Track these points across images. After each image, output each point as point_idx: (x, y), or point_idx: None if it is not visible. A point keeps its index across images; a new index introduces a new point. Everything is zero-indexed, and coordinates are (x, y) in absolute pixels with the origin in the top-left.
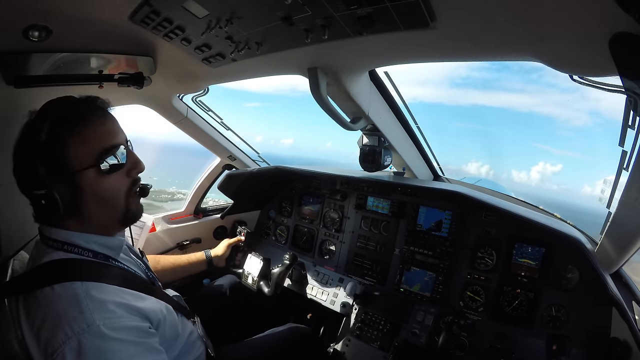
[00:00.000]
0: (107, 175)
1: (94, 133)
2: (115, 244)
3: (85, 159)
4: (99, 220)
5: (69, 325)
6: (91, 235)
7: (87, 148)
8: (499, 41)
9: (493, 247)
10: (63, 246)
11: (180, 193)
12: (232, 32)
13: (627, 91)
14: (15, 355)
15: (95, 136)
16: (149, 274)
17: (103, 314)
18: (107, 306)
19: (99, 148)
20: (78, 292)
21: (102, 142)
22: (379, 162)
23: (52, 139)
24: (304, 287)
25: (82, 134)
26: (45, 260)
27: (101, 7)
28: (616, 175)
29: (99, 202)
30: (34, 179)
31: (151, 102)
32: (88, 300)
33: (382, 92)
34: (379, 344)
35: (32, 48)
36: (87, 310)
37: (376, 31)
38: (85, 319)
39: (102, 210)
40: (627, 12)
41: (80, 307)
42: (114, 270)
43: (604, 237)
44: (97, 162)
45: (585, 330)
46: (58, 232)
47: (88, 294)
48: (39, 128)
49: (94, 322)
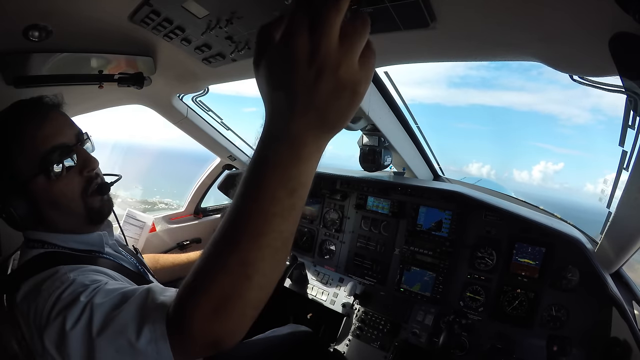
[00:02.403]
0: (57, 180)
1: (32, 139)
2: (95, 239)
3: (29, 167)
4: (63, 224)
5: (47, 290)
6: (67, 235)
7: (28, 156)
8: (499, 41)
9: (493, 247)
10: (44, 245)
11: (162, 203)
12: (232, 32)
13: (627, 91)
14: (14, 355)
15: (34, 142)
16: (140, 268)
17: (80, 272)
18: (88, 273)
19: (39, 154)
20: (59, 269)
21: (41, 147)
22: (379, 162)
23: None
24: (304, 287)
25: (19, 142)
26: (27, 257)
27: (101, 7)
28: (616, 175)
29: (55, 207)
30: None
31: (151, 102)
32: (67, 270)
33: (382, 92)
34: (379, 343)
35: (32, 48)
36: (64, 276)
37: (376, 31)
38: (61, 280)
39: (61, 215)
40: (627, 12)
41: (61, 277)
42: (100, 259)
43: (604, 237)
44: (42, 168)
45: (585, 330)
46: (36, 233)
47: (69, 269)
48: None
49: (69, 278)
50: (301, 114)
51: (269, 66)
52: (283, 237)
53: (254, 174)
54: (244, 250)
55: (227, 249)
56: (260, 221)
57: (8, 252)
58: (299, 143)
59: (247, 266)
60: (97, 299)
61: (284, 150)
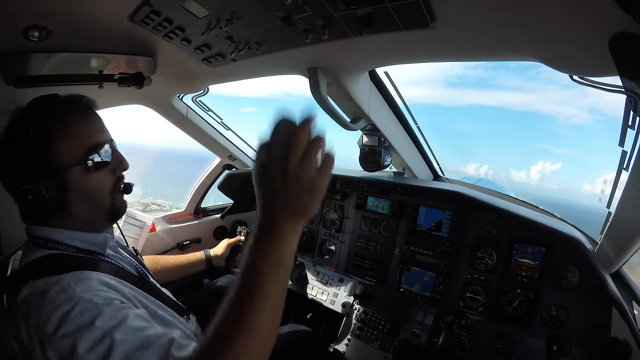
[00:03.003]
0: (93, 173)
1: (79, 131)
2: (100, 240)
3: (71, 157)
4: (85, 217)
5: (52, 302)
6: (73, 232)
7: (73, 146)
8: (499, 41)
9: (493, 247)
10: (47, 243)
11: (155, 204)
12: (232, 32)
13: (627, 91)
14: (14, 355)
15: (81, 134)
16: (140, 270)
17: (86, 287)
18: (91, 283)
19: (85, 146)
20: (63, 278)
21: (88, 140)
22: (379, 162)
23: (39, 136)
24: (304, 287)
25: (67, 132)
26: (32, 258)
27: (101, 7)
28: (616, 175)
29: (86, 199)
30: (22, 174)
31: (151, 102)
32: (73, 283)
33: (382, 92)
34: (379, 343)
35: (32, 48)
36: (70, 288)
37: (376, 31)
38: (67, 295)
39: (88, 207)
40: (627, 12)
41: (66, 288)
42: (101, 264)
43: (603, 237)
44: (83, 160)
45: (585, 330)
46: (41, 229)
47: (72, 279)
48: (26, 125)
49: (76, 294)
50: (280, 208)
51: (261, 178)
52: (274, 302)
53: (249, 258)
54: (248, 313)
55: (235, 313)
56: (255, 288)
57: (8, 252)
58: (279, 227)
59: (251, 328)
60: (118, 335)
61: (269, 232)
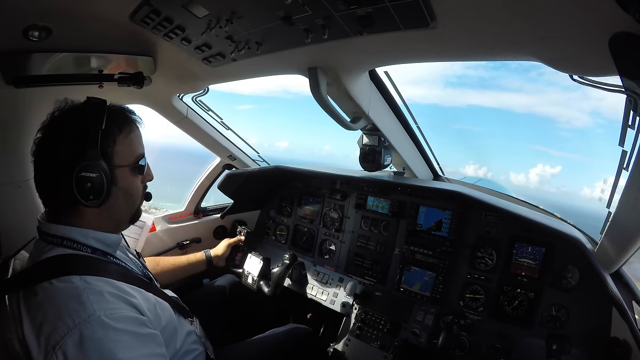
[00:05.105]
0: (136, 177)
1: (136, 138)
2: (113, 240)
3: (126, 158)
4: (117, 213)
5: (70, 317)
6: (90, 231)
7: (130, 149)
8: (499, 41)
9: (493, 246)
10: (62, 242)
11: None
12: (232, 32)
13: (627, 91)
14: (16, 354)
15: (136, 141)
16: (145, 272)
17: (103, 304)
18: (106, 297)
19: (137, 152)
20: (77, 284)
21: (140, 148)
22: (379, 162)
23: (107, 130)
24: (304, 287)
25: (128, 136)
26: (45, 256)
27: (101, 7)
28: (616, 175)
29: (126, 197)
30: (82, 160)
31: (151, 101)
32: (88, 292)
33: (382, 92)
34: (379, 343)
35: (32, 48)
36: (87, 301)
37: (376, 31)
38: (86, 310)
39: (125, 203)
40: (627, 12)
41: (81, 298)
42: (111, 266)
43: (603, 237)
44: (133, 164)
45: (585, 330)
46: (58, 227)
47: (87, 287)
48: (94, 119)
49: (95, 312)
50: None
51: None
52: None
53: None
54: None
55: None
56: None
57: (8, 252)
58: None
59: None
60: None
61: None
